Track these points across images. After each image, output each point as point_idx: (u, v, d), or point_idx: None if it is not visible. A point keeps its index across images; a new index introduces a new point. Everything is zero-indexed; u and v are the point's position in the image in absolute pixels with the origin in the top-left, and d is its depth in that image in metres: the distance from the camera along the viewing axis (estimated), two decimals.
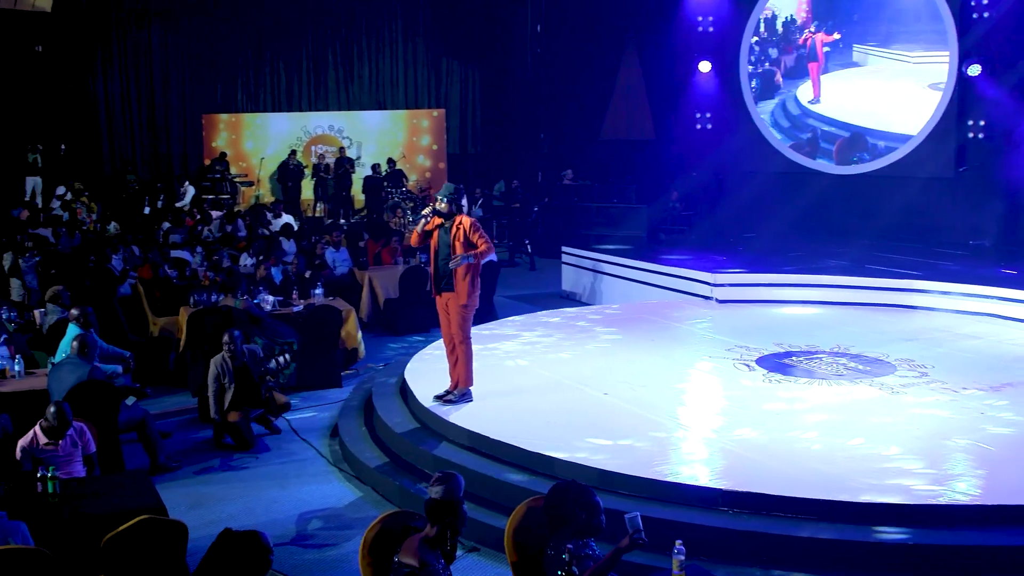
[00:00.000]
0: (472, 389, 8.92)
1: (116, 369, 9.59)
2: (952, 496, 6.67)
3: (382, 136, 25.00)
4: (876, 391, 9.05)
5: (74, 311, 9.44)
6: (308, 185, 23.70)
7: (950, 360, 10.09)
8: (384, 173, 22.95)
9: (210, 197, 22.11)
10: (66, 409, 6.76)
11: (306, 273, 13.50)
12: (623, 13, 21.39)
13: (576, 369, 9.95)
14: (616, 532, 6.55)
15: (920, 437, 7.82)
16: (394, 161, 23.45)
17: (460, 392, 8.87)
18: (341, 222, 21.68)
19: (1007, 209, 15.50)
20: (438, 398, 8.87)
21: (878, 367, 9.84)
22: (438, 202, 8.62)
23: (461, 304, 8.72)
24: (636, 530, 4.82)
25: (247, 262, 14.37)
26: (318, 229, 18.09)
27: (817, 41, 17.97)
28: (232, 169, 23.38)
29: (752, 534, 6.49)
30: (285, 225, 17.24)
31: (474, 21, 25.04)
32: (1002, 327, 11.70)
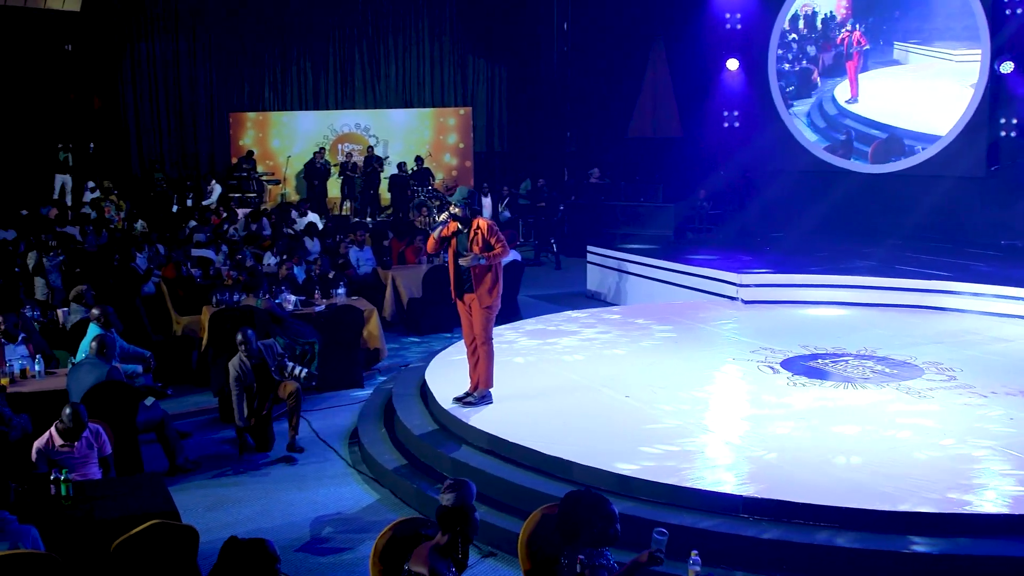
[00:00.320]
0: (492, 391, 8.85)
1: (136, 369, 9.59)
2: (980, 505, 6.51)
3: (408, 134, 24.98)
4: (903, 395, 8.88)
5: (95, 311, 9.45)
6: (335, 183, 23.72)
7: (979, 363, 9.89)
8: (411, 171, 22.92)
9: (237, 195, 22.20)
10: (81, 411, 6.74)
11: (329, 273, 13.45)
12: (650, 10, 21.26)
13: (597, 371, 9.84)
14: (640, 539, 6.50)
15: (947, 443, 7.66)
16: (422, 159, 23.42)
17: (480, 394, 8.79)
18: (367, 221, 21.68)
19: None
20: (457, 400, 8.80)
21: (905, 370, 9.66)
22: (453, 207, 8.55)
23: (484, 306, 8.65)
24: (658, 549, 4.73)
25: (271, 261, 14.37)
26: (344, 228, 18.09)
27: (854, 40, 17.62)
28: (259, 167, 23.48)
29: (773, 542, 6.36)
30: (309, 224, 17.24)
31: (500, 19, 24.97)
32: None
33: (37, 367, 8.86)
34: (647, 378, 9.54)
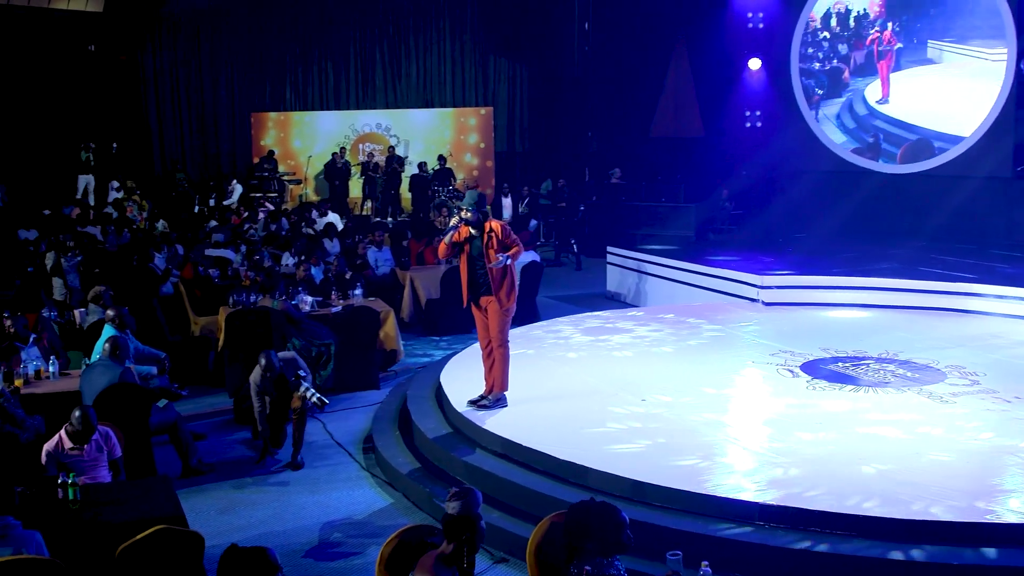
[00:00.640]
0: (507, 394, 8.77)
1: (151, 370, 9.57)
2: (1003, 514, 6.36)
3: (429, 134, 24.94)
4: (924, 399, 8.73)
5: (110, 312, 9.43)
6: (356, 183, 23.70)
7: (1003, 368, 9.71)
8: (434, 171, 22.86)
9: (258, 195, 22.22)
10: (91, 414, 6.71)
11: (346, 273, 13.41)
12: (672, 10, 21.10)
13: (614, 373, 9.74)
14: (653, 547, 6.40)
15: (969, 450, 7.51)
16: (444, 158, 23.36)
17: (495, 397, 8.71)
18: (388, 221, 21.65)
19: None
20: (472, 403, 8.72)
21: (927, 374, 9.50)
22: (464, 212, 8.47)
23: (503, 309, 8.58)
24: (675, 572, 4.64)
25: (289, 261, 14.34)
26: (364, 228, 18.05)
27: (885, 39, 17.27)
28: (280, 167, 23.49)
29: (789, 551, 6.24)
30: (328, 224, 17.20)
31: (522, 18, 24.88)
32: None
33: (51, 368, 8.84)
34: (664, 381, 9.43)
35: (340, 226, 17.76)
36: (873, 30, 17.35)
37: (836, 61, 18.04)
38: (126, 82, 23.44)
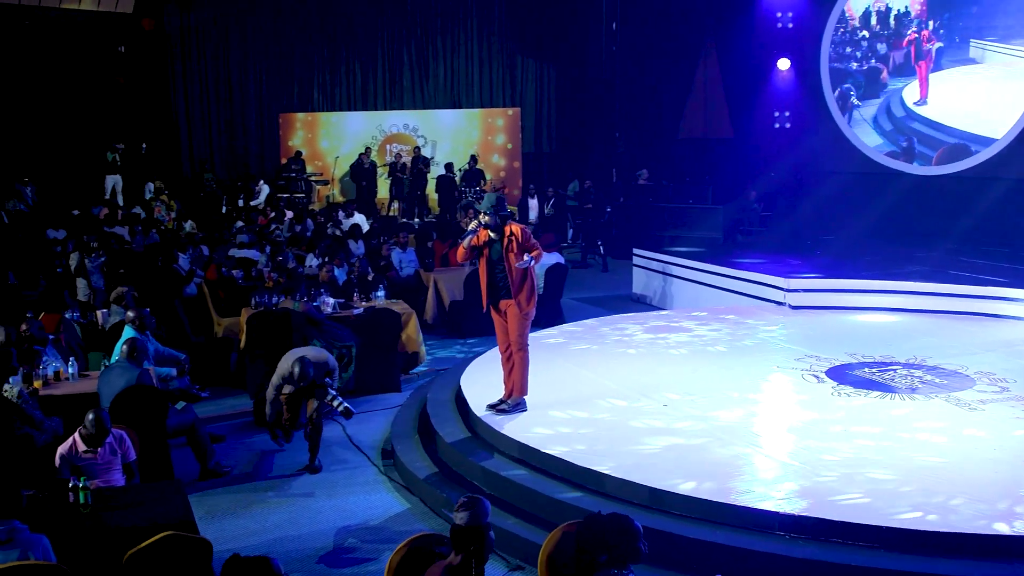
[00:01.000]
0: (526, 398, 8.68)
1: (171, 372, 9.54)
2: None
3: (457, 135, 24.89)
4: (952, 407, 8.55)
5: (130, 313, 9.44)
6: (383, 184, 23.69)
7: None
8: (463, 171, 22.78)
9: (285, 196, 22.25)
10: (104, 417, 6.67)
11: (368, 274, 13.35)
12: (700, 9, 20.92)
13: (636, 378, 9.62)
14: (671, 556, 6.30)
15: (997, 459, 7.33)
16: (476, 158, 23.28)
17: (514, 401, 8.63)
18: (414, 221, 21.62)
19: None
20: (491, 407, 8.64)
21: (955, 380, 9.32)
22: (482, 216, 8.39)
23: (521, 312, 8.49)
24: None
25: (313, 263, 14.32)
26: (391, 229, 18.01)
27: (924, 39, 16.83)
28: (308, 168, 23.51)
29: (810, 562, 6.10)
30: (353, 225, 17.18)
31: (549, 19, 24.80)
32: None
33: (70, 369, 8.84)
34: (686, 386, 9.30)
35: (366, 227, 17.73)
36: (910, 30, 16.90)
37: (875, 61, 17.53)
38: (155, 83, 23.54)
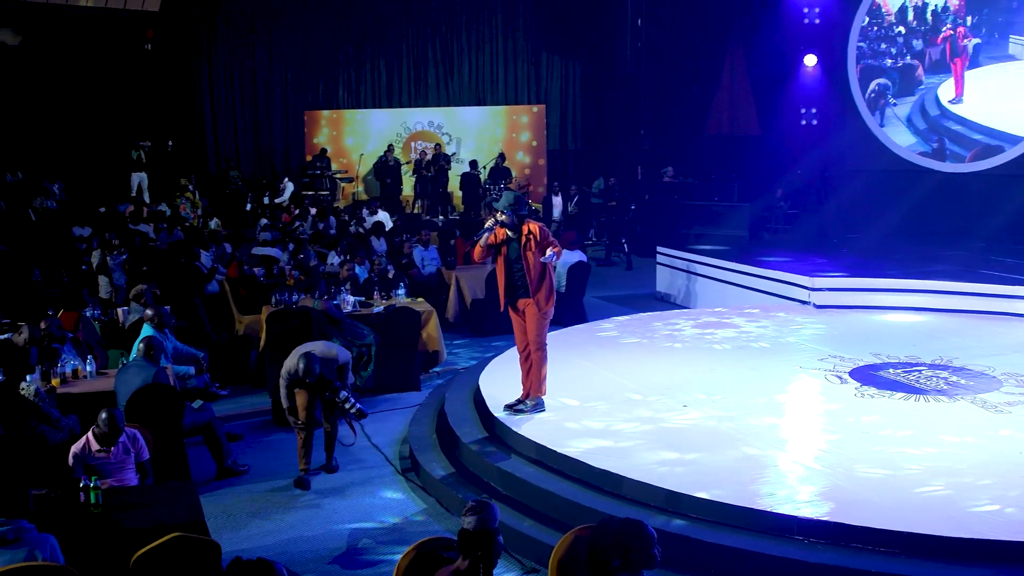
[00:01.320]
0: (545, 398, 8.61)
1: (189, 370, 9.55)
2: None
3: (481, 132, 24.84)
4: (977, 409, 8.39)
5: (148, 311, 9.44)
6: (408, 181, 23.67)
7: None
8: (488, 168, 22.70)
9: (310, 193, 22.28)
10: (117, 416, 6.65)
11: (389, 273, 13.32)
12: (727, 5, 20.75)
13: (656, 378, 9.52)
14: (686, 560, 6.20)
15: (1022, 464, 7.18)
16: (504, 156, 23.20)
17: (532, 402, 8.55)
18: (438, 219, 21.58)
19: None
20: (509, 407, 8.56)
21: (982, 382, 9.15)
22: (500, 214, 8.31)
23: (540, 312, 8.42)
24: None
25: (335, 260, 14.31)
26: (414, 226, 17.98)
27: (959, 35, 16.51)
28: (333, 165, 23.53)
29: (828, 567, 5.98)
30: (376, 223, 17.16)
31: (574, 15, 24.66)
32: None
33: (88, 367, 8.84)
34: (707, 386, 9.19)
35: (389, 225, 17.71)
36: (946, 27, 16.52)
37: (910, 57, 17.12)
38: (182, 80, 23.64)
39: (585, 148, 25.52)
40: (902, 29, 17.08)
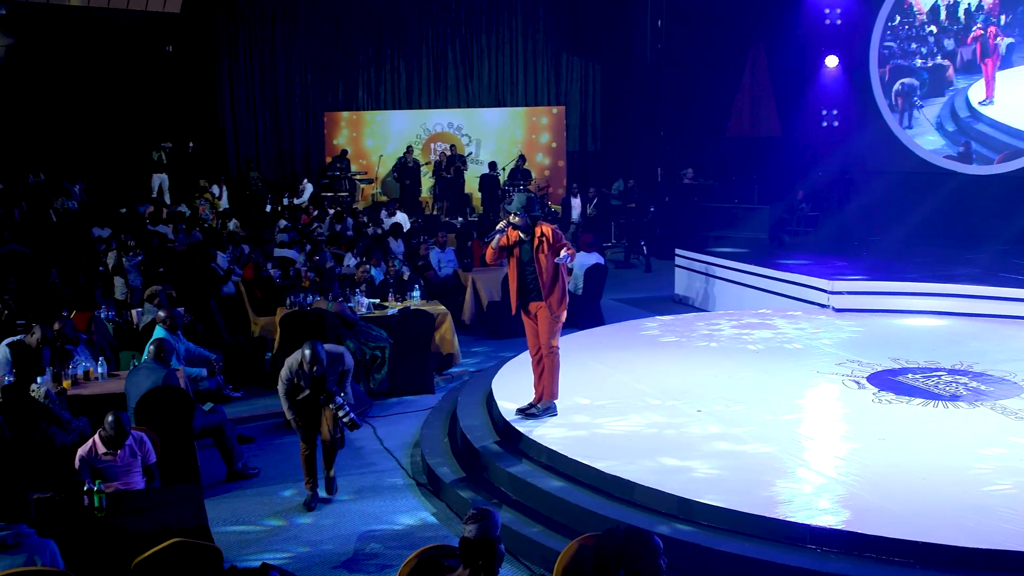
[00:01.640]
0: (557, 402, 8.52)
1: (201, 372, 9.52)
2: None
3: (501, 133, 24.77)
4: (997, 415, 8.25)
5: (161, 313, 9.42)
6: (427, 183, 23.63)
7: None
8: (508, 170, 22.62)
9: (329, 195, 22.29)
10: (123, 419, 6.62)
11: (405, 274, 13.27)
12: (747, 5, 20.60)
13: (671, 382, 9.41)
14: (695, 567, 6.11)
15: None
16: (524, 157, 23.13)
17: (544, 406, 8.47)
18: (456, 221, 21.52)
19: None
20: (521, 411, 8.48)
21: (1002, 388, 9.00)
22: (512, 216, 8.24)
23: (552, 315, 8.34)
24: None
25: (350, 262, 14.28)
26: (432, 228, 17.93)
27: (990, 35, 15.95)
28: (352, 167, 23.52)
29: None
30: (394, 225, 17.13)
31: (594, 16, 24.56)
32: None
33: (100, 369, 8.83)
34: (722, 391, 9.08)
35: (407, 226, 17.67)
36: (976, 26, 16.20)
37: (940, 57, 16.71)
38: (203, 82, 23.71)
39: (605, 149, 25.42)
40: (934, 28, 16.74)
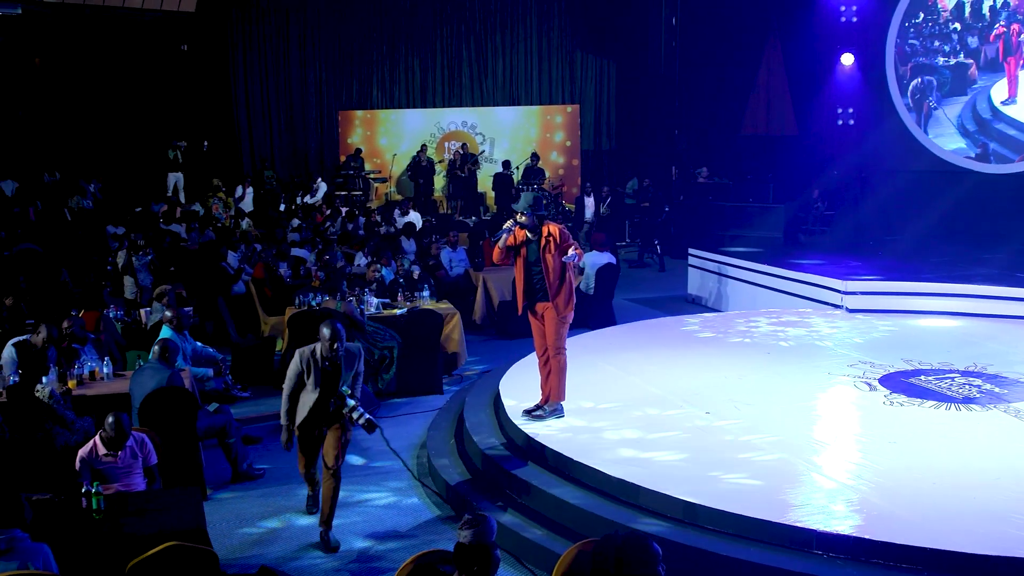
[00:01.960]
0: (564, 404, 8.45)
1: (207, 372, 9.48)
2: None
3: (515, 132, 24.70)
4: (1010, 419, 8.12)
5: (167, 313, 9.39)
6: (440, 182, 23.58)
7: None
8: (522, 169, 22.53)
9: (343, 194, 22.26)
10: (124, 420, 6.57)
11: (415, 274, 13.21)
12: (763, 3, 20.46)
13: (681, 383, 9.32)
14: (700, 573, 6.03)
15: None
16: (538, 156, 23.05)
17: (551, 407, 8.40)
18: (470, 220, 21.46)
19: None
20: (528, 412, 8.42)
21: (1017, 390, 8.86)
22: (519, 215, 8.17)
23: (559, 316, 8.26)
24: None
25: (361, 262, 14.24)
26: (446, 227, 17.88)
27: (1013, 32, 15.73)
28: (366, 166, 23.49)
29: None
30: (407, 224, 17.08)
31: (609, 14, 24.46)
32: None
33: (105, 369, 8.80)
34: (732, 393, 8.98)
35: (420, 225, 17.62)
36: (998, 24, 15.92)
37: (963, 55, 16.44)
38: (217, 81, 23.73)
39: (619, 148, 25.32)
40: (958, 26, 16.46)
